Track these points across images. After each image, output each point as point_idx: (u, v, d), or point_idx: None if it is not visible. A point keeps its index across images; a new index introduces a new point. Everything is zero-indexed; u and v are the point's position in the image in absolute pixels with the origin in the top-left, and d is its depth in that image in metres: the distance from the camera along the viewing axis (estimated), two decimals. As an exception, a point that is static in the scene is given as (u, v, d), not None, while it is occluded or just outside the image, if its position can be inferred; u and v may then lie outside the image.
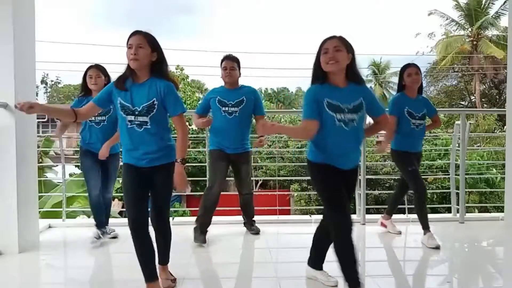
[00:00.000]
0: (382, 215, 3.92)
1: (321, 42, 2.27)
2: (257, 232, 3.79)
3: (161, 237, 2.50)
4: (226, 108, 3.48)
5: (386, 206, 3.95)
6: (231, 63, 3.52)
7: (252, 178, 3.74)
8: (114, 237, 3.59)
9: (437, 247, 3.32)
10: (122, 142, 2.37)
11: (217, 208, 3.72)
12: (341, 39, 2.25)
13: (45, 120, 4.26)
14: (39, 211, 3.58)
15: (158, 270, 2.44)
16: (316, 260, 2.61)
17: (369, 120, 2.60)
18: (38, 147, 3.78)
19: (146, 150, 2.29)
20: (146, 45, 2.25)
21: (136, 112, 2.26)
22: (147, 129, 2.27)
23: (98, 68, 3.40)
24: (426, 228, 3.46)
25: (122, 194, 2.43)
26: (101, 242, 3.41)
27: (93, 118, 3.36)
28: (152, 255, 2.37)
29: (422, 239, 3.46)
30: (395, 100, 3.50)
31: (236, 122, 3.49)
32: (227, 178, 3.75)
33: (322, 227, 2.53)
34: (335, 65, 2.19)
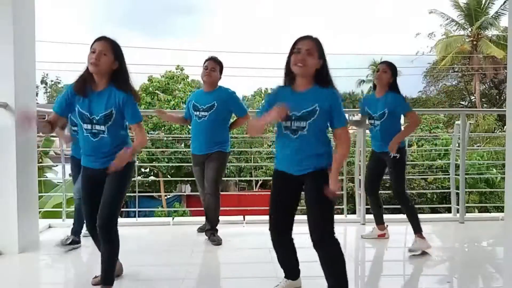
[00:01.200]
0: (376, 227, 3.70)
1: (296, 40, 2.16)
2: (218, 243, 3.51)
3: (104, 245, 2.30)
4: (198, 113, 3.52)
5: (388, 208, 3.89)
6: (213, 64, 3.54)
7: (251, 178, 3.73)
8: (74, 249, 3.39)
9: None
10: (81, 146, 2.37)
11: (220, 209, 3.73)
12: (316, 42, 2.14)
13: (45, 120, 4.25)
14: (39, 211, 3.58)
15: None
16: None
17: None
18: (38, 147, 3.78)
19: (101, 155, 2.30)
20: (109, 53, 2.24)
21: (94, 121, 2.26)
22: (103, 138, 2.27)
23: None
24: (380, 222, 3.64)
25: None
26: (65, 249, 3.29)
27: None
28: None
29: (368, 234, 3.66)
30: (361, 100, 3.59)
31: (205, 126, 3.49)
32: (228, 178, 3.74)
33: None
34: (303, 68, 2.09)
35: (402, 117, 3.46)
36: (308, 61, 2.08)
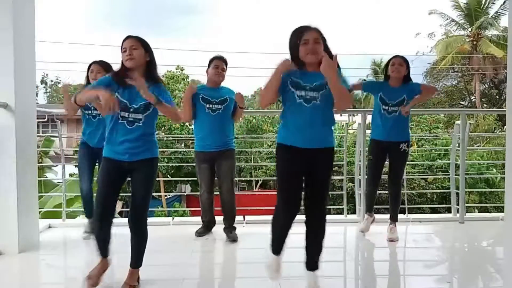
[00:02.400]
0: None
1: (299, 31, 2.29)
2: (234, 239, 3.54)
3: (136, 237, 2.50)
4: (210, 105, 3.49)
5: (388, 207, 3.87)
6: (222, 64, 3.56)
7: (251, 178, 3.73)
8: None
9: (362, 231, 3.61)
10: (107, 136, 2.44)
11: (217, 208, 3.73)
12: (319, 32, 2.30)
13: (45, 120, 4.26)
14: (39, 211, 3.58)
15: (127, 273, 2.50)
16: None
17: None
18: (38, 147, 3.78)
19: (130, 145, 2.39)
20: (139, 47, 2.40)
21: (132, 109, 2.39)
22: (139, 126, 2.40)
23: (100, 64, 3.41)
24: (368, 211, 3.72)
25: (121, 194, 2.46)
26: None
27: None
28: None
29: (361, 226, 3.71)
30: (376, 82, 3.59)
31: (220, 119, 3.49)
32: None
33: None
34: (314, 57, 2.24)
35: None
36: (318, 49, 2.25)
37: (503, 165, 2.19)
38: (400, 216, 4.40)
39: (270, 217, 2.58)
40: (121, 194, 2.79)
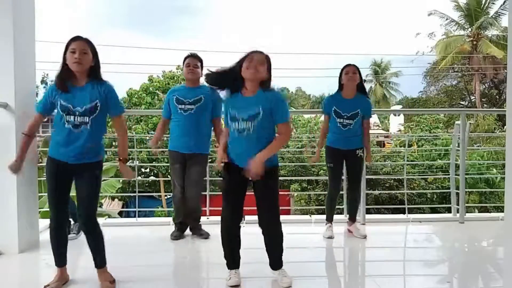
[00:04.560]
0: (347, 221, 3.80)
1: (247, 53, 2.47)
2: (206, 236, 3.59)
3: (91, 238, 2.51)
4: (182, 106, 3.46)
5: (387, 207, 3.91)
6: (194, 61, 3.55)
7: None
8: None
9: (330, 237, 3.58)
10: (53, 137, 2.46)
11: (217, 208, 3.72)
12: (266, 57, 2.47)
13: (45, 120, 4.25)
14: (39, 211, 3.58)
15: (97, 274, 2.55)
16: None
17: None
18: (38, 147, 3.78)
19: (76, 149, 2.39)
20: (88, 51, 2.40)
21: (77, 113, 2.38)
22: (84, 130, 2.38)
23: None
24: (327, 219, 3.71)
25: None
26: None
27: None
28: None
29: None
30: (326, 99, 3.69)
31: (191, 120, 3.44)
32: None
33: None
34: (254, 73, 2.40)
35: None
36: (261, 69, 2.42)
37: (503, 165, 2.19)
38: (400, 216, 4.42)
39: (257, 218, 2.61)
40: (120, 194, 2.79)
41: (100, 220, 4.28)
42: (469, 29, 24.26)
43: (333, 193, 3.67)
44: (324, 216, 3.78)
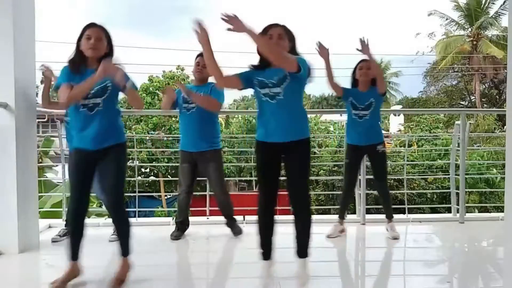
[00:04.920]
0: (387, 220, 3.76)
1: (265, 28, 2.42)
2: (239, 232, 3.63)
3: (117, 223, 2.56)
4: (186, 105, 3.47)
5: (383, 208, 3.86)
6: (204, 60, 3.53)
7: (251, 179, 3.71)
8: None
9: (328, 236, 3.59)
10: (71, 127, 2.47)
11: (217, 208, 3.73)
12: (284, 28, 2.41)
13: (45, 120, 4.26)
14: (39, 211, 3.58)
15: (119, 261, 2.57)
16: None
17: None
18: (38, 147, 3.78)
19: (94, 132, 2.38)
20: (103, 38, 2.42)
21: (89, 95, 2.37)
22: (99, 111, 2.39)
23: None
24: (340, 217, 3.70)
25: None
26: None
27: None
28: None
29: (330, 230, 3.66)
30: (348, 88, 3.62)
31: (195, 118, 3.44)
32: (228, 178, 3.71)
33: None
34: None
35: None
36: (281, 44, 2.35)
37: (503, 165, 2.19)
38: (400, 216, 4.41)
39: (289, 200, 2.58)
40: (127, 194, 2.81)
41: (100, 220, 4.30)
42: (469, 29, 24.26)
43: (346, 190, 3.70)
44: (324, 216, 3.78)
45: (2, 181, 3.14)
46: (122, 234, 2.56)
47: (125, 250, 2.57)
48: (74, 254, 2.55)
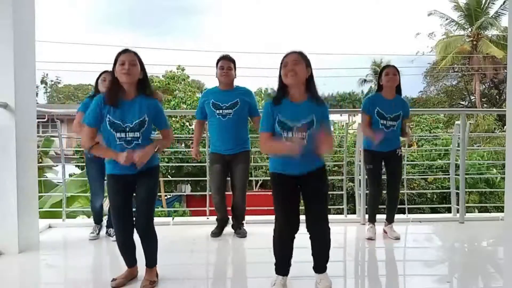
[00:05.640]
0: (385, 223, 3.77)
1: (283, 58, 2.35)
2: (243, 235, 3.66)
3: (145, 242, 2.58)
4: (221, 111, 3.47)
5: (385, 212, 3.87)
6: (228, 63, 3.51)
7: (251, 178, 3.73)
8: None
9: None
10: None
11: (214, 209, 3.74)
12: (300, 54, 2.34)
13: (45, 120, 4.25)
14: (39, 211, 3.58)
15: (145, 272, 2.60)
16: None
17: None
18: (38, 147, 3.78)
19: (132, 163, 2.39)
20: (137, 63, 2.41)
21: (127, 129, 2.39)
22: (137, 144, 2.41)
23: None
24: (370, 220, 3.69)
25: None
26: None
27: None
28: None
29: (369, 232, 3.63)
30: (366, 99, 3.62)
31: (231, 124, 3.47)
32: (228, 178, 3.71)
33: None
34: (293, 77, 2.29)
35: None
36: (296, 69, 2.28)
37: (503, 165, 2.19)
38: (400, 216, 4.41)
39: (270, 217, 2.59)
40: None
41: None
42: (469, 29, 24.26)
43: (377, 194, 3.68)
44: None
45: (2, 181, 3.14)
46: (150, 248, 2.61)
47: (152, 262, 2.62)
48: (131, 262, 2.65)
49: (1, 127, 3.12)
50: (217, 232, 3.70)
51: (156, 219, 5.31)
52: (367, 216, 3.79)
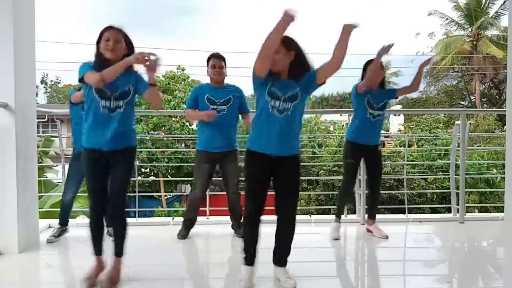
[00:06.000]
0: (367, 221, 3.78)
1: None
2: (240, 236, 3.63)
3: (117, 224, 2.57)
4: (215, 106, 3.46)
5: (387, 207, 3.92)
6: (219, 62, 3.52)
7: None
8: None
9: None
10: (86, 125, 2.47)
11: (217, 208, 3.73)
12: (282, 41, 2.38)
13: (45, 120, 4.25)
14: (39, 211, 3.58)
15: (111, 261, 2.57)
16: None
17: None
18: (38, 147, 3.77)
19: (112, 134, 2.42)
20: (122, 40, 2.45)
21: (113, 98, 2.42)
22: (119, 113, 2.44)
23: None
24: (338, 216, 3.68)
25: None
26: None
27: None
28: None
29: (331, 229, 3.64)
30: (356, 86, 3.58)
31: (225, 120, 3.47)
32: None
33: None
34: (275, 66, 2.40)
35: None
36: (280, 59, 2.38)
37: (503, 165, 2.19)
38: (400, 216, 4.42)
39: (270, 217, 2.58)
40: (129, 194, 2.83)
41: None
42: (469, 29, 24.25)
43: (350, 190, 3.72)
44: (324, 216, 3.78)
45: (2, 181, 3.14)
46: (119, 234, 2.57)
47: (120, 250, 2.58)
48: (99, 249, 2.63)
49: (1, 127, 3.12)
50: (186, 234, 3.61)
51: (156, 219, 5.34)
52: (334, 216, 3.74)
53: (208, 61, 3.55)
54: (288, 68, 2.45)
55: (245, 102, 3.62)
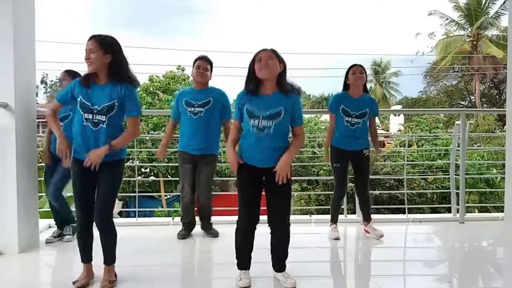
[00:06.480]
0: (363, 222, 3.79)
1: (256, 54, 2.48)
2: (215, 235, 3.66)
3: (103, 237, 2.52)
4: (192, 109, 3.48)
5: (387, 207, 3.91)
6: (205, 64, 3.53)
7: (228, 178, 3.65)
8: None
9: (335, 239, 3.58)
10: (74, 137, 2.47)
11: (216, 208, 3.72)
12: (273, 51, 2.48)
13: (45, 120, 4.25)
14: (39, 211, 3.58)
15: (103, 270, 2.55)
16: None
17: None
18: (38, 147, 3.77)
19: (96, 146, 2.40)
20: (97, 49, 2.37)
21: (95, 111, 2.40)
22: (102, 128, 2.41)
23: (68, 73, 3.42)
24: (332, 221, 3.71)
25: (121, 194, 2.45)
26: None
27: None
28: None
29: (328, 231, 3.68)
30: (332, 98, 3.66)
31: (202, 122, 3.47)
32: (228, 178, 3.72)
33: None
34: (267, 71, 2.42)
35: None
36: (270, 65, 2.42)
37: (503, 165, 2.19)
38: (400, 216, 4.42)
39: (262, 217, 2.59)
40: (120, 194, 2.81)
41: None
42: (469, 29, 24.26)
43: (341, 194, 3.70)
44: (324, 216, 3.78)
45: (2, 181, 3.14)
46: (108, 243, 2.53)
47: (110, 258, 2.56)
48: (88, 257, 2.59)
49: (1, 127, 3.12)
50: (185, 234, 3.63)
51: (156, 219, 5.34)
52: (329, 216, 3.78)
53: (194, 62, 3.56)
54: (276, 80, 2.47)
55: (227, 107, 3.58)
